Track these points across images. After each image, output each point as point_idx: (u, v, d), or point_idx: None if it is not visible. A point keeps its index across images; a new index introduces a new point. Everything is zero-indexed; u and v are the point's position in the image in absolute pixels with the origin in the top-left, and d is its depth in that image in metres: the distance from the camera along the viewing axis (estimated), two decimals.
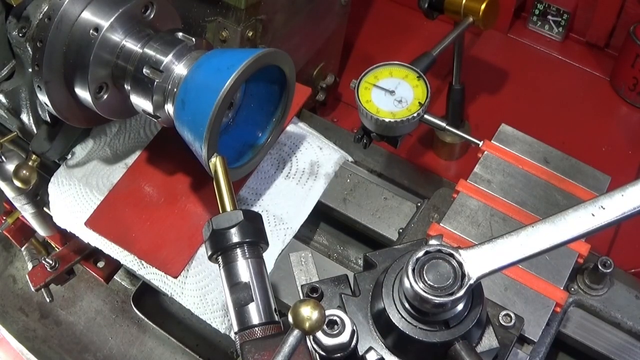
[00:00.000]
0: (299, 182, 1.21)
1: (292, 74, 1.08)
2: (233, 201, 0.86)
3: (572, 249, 1.03)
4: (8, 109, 1.19)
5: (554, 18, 1.90)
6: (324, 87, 1.71)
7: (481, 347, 0.78)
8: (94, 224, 1.18)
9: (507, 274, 1.01)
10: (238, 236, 0.82)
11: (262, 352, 0.73)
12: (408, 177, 1.34)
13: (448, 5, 1.43)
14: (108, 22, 1.01)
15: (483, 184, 1.11)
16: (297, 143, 1.25)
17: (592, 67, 1.89)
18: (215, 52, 1.02)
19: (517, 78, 1.87)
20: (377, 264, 0.83)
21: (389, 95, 1.11)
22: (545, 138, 1.16)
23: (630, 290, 1.08)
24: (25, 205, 1.49)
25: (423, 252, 0.71)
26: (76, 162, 1.27)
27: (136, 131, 1.29)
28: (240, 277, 0.80)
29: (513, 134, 1.16)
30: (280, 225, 1.17)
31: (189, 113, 0.96)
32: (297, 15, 1.36)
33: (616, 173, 1.14)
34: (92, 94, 1.04)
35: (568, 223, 0.70)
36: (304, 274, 1.14)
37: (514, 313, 0.85)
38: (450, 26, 1.43)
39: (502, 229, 1.06)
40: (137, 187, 1.21)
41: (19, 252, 2.56)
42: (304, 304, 0.64)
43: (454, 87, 1.58)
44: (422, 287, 0.69)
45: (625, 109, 1.82)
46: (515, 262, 0.71)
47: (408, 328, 0.73)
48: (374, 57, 1.51)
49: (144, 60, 1.02)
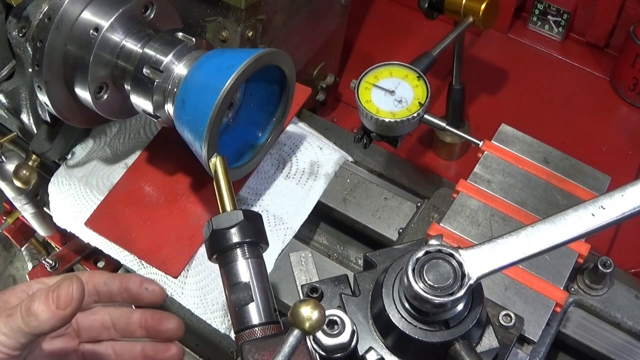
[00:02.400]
0: (299, 182, 1.21)
1: (292, 74, 1.08)
2: (233, 201, 0.87)
3: (572, 249, 1.03)
4: (8, 109, 1.19)
5: (554, 18, 1.90)
6: (324, 87, 1.71)
7: (481, 347, 0.78)
8: (94, 224, 1.18)
9: (507, 274, 1.01)
10: (238, 236, 0.82)
11: (262, 352, 0.73)
12: (408, 177, 1.34)
13: (448, 5, 1.43)
14: (108, 22, 1.01)
15: (483, 184, 1.11)
16: (297, 143, 1.25)
17: (592, 67, 1.88)
18: (215, 52, 1.02)
19: (517, 78, 1.86)
20: (377, 264, 0.83)
21: (389, 95, 1.11)
22: (545, 138, 1.16)
23: (630, 290, 1.08)
24: (25, 205, 1.49)
25: (423, 252, 0.71)
26: (76, 162, 1.27)
27: (136, 131, 1.29)
28: (240, 277, 0.80)
29: (513, 134, 1.16)
30: (280, 225, 1.17)
31: (189, 113, 0.96)
32: (297, 15, 1.36)
33: (616, 173, 1.14)
34: (92, 94, 1.04)
35: (568, 223, 0.70)
36: (304, 274, 1.14)
37: (514, 313, 0.85)
38: (450, 26, 1.43)
39: (502, 229, 1.06)
40: (137, 187, 1.21)
41: (19, 252, 2.56)
42: (304, 304, 0.64)
43: (454, 87, 1.58)
44: (422, 287, 0.69)
45: (625, 109, 1.82)
46: (515, 262, 0.71)
47: (408, 328, 0.73)
48: (374, 57, 1.51)
49: (144, 60, 1.02)
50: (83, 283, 0.77)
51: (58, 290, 0.75)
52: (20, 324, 0.74)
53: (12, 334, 0.74)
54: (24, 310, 0.74)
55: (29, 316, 0.74)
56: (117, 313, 0.93)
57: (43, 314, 0.74)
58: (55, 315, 0.74)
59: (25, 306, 0.74)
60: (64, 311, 0.74)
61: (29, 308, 0.74)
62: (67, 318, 0.75)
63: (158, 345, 0.93)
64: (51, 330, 0.75)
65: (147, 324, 0.91)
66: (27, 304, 0.75)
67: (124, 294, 0.90)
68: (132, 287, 0.89)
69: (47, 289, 0.76)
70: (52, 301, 0.74)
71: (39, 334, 0.75)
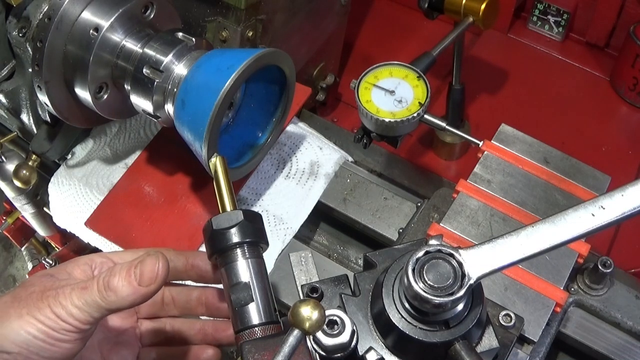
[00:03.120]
0: (299, 182, 1.21)
1: (292, 74, 1.08)
2: (233, 201, 0.86)
3: (572, 249, 1.03)
4: (8, 109, 1.19)
5: (554, 18, 1.90)
6: (324, 87, 1.71)
7: (481, 347, 0.78)
8: (94, 224, 1.19)
9: (507, 274, 1.01)
10: (238, 236, 0.82)
11: (262, 352, 0.73)
12: (408, 177, 1.34)
13: (448, 5, 1.43)
14: (108, 22, 1.01)
15: (483, 184, 1.11)
16: (297, 143, 1.25)
17: (592, 67, 1.89)
18: (215, 52, 1.02)
19: (517, 78, 1.86)
20: (377, 264, 0.83)
21: (389, 95, 1.11)
22: (545, 138, 1.16)
23: (630, 290, 1.08)
24: (25, 205, 1.49)
25: (423, 252, 0.71)
26: (76, 162, 1.27)
27: (136, 131, 1.29)
28: (240, 277, 0.80)
29: (513, 134, 1.16)
30: (280, 225, 1.17)
31: (189, 113, 0.96)
32: (297, 15, 1.36)
33: (616, 173, 1.14)
34: (92, 94, 1.04)
35: (568, 223, 0.70)
36: (304, 274, 1.14)
37: (514, 313, 0.85)
38: (450, 26, 1.43)
39: (502, 229, 1.06)
40: (137, 187, 1.21)
41: (19, 252, 2.57)
42: (304, 304, 0.64)
43: (454, 87, 1.58)
44: (422, 287, 0.69)
45: (625, 109, 1.82)
46: (515, 262, 0.71)
47: (408, 328, 0.73)
48: (374, 57, 1.51)
49: (144, 60, 1.02)
50: (168, 260, 0.75)
51: (142, 267, 0.73)
52: (96, 298, 0.72)
53: (86, 308, 0.71)
54: (101, 284, 0.72)
55: (108, 291, 0.71)
56: (177, 289, 0.91)
57: (124, 290, 0.72)
58: (136, 292, 0.72)
59: (104, 280, 0.72)
60: (146, 288, 0.73)
61: (108, 283, 0.72)
62: (148, 295, 0.73)
63: (218, 323, 0.91)
64: (129, 307, 0.73)
65: (208, 301, 0.90)
66: (106, 278, 0.72)
67: (190, 272, 0.87)
68: (200, 265, 0.87)
69: (128, 264, 0.73)
70: (134, 277, 0.72)
71: (115, 309, 0.73)
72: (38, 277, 0.77)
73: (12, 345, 0.70)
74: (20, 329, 0.70)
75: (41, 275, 0.77)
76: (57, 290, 0.73)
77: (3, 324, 0.71)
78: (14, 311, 0.71)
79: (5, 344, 0.70)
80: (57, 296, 0.72)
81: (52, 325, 0.71)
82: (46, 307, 0.71)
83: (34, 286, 0.74)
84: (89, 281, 0.73)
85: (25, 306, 0.72)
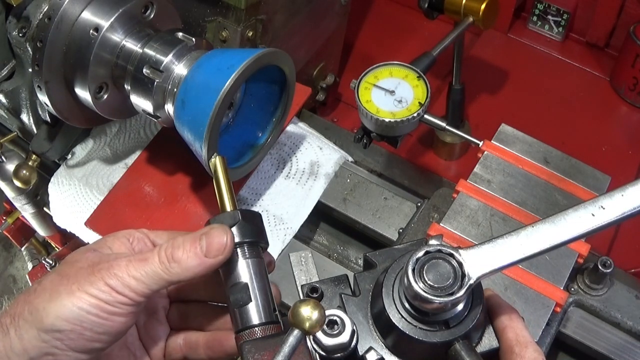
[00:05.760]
0: (299, 182, 1.21)
1: (292, 74, 1.08)
2: (233, 201, 0.86)
3: (572, 249, 1.03)
4: (8, 109, 1.19)
5: (554, 18, 1.90)
6: (324, 87, 1.71)
7: (481, 347, 0.78)
8: (94, 224, 1.19)
9: (507, 274, 1.01)
10: (238, 236, 0.81)
11: (262, 352, 0.73)
12: (408, 177, 1.34)
13: (448, 5, 1.43)
14: (108, 22, 1.01)
15: (483, 184, 1.11)
16: (297, 143, 1.25)
17: (592, 67, 1.88)
18: (215, 52, 1.02)
19: (517, 78, 1.86)
20: (377, 264, 0.83)
21: (389, 95, 1.11)
22: (545, 138, 1.16)
23: (630, 290, 1.08)
24: (25, 205, 1.49)
25: (423, 252, 0.71)
26: (76, 162, 1.27)
27: (136, 131, 1.29)
28: (239, 277, 0.80)
29: (513, 134, 1.16)
30: (280, 225, 1.17)
31: (189, 113, 0.96)
32: (297, 15, 1.36)
33: (616, 173, 1.14)
34: (92, 94, 1.04)
35: (568, 223, 0.70)
36: (304, 274, 1.14)
37: None
38: (450, 26, 1.43)
39: (502, 229, 1.06)
40: (137, 187, 1.21)
41: (19, 252, 2.57)
42: (304, 304, 0.64)
43: (454, 87, 1.58)
44: (422, 287, 0.69)
45: (625, 109, 1.82)
46: (515, 262, 0.71)
47: (408, 328, 0.73)
48: (374, 57, 1.51)
49: (144, 60, 1.02)
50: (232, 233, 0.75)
51: (208, 238, 0.73)
52: (158, 269, 0.71)
53: (145, 279, 0.70)
54: (164, 256, 0.71)
55: (172, 262, 0.71)
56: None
57: (189, 261, 0.71)
58: (202, 263, 0.72)
59: (167, 252, 0.71)
60: (213, 259, 0.72)
61: (172, 254, 0.71)
62: (214, 266, 0.73)
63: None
64: (191, 279, 0.72)
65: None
66: (169, 250, 0.72)
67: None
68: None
69: (191, 236, 0.73)
70: (199, 249, 0.72)
71: (176, 281, 0.72)
72: (81, 253, 0.75)
73: (65, 323, 0.68)
74: (73, 306, 0.68)
75: (84, 251, 0.76)
76: (109, 262, 0.71)
77: (53, 302, 0.69)
78: (64, 288, 0.70)
79: (57, 323, 0.68)
80: (110, 268, 0.70)
81: (106, 299, 0.69)
82: (99, 280, 0.70)
83: (80, 262, 0.73)
84: (147, 253, 0.73)
85: (76, 282, 0.70)
